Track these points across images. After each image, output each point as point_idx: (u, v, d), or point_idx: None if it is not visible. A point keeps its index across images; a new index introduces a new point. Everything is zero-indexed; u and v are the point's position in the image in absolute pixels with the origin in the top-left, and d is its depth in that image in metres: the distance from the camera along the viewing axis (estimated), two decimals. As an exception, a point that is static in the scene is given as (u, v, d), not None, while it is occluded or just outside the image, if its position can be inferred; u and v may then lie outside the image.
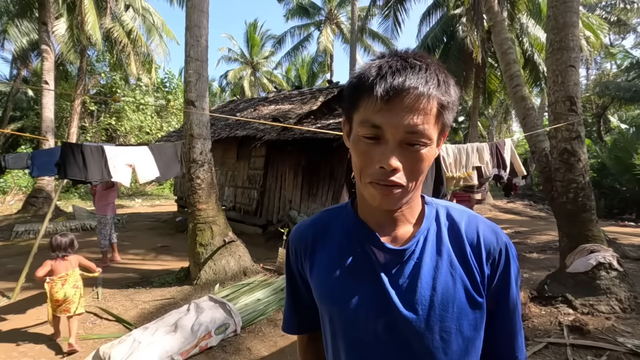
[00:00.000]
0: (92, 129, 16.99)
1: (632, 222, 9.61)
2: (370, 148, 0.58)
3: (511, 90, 5.62)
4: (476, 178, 3.52)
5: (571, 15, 4.11)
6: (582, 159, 4.04)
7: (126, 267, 5.26)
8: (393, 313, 0.63)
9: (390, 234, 0.67)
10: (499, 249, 0.65)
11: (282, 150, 7.12)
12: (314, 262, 0.73)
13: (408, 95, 0.55)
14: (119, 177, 3.27)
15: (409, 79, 0.56)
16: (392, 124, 0.56)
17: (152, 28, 15.07)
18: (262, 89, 24.73)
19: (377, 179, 0.58)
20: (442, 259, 0.64)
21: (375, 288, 0.64)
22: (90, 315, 3.59)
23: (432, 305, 0.62)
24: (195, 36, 4.42)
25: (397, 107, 0.55)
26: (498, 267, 0.65)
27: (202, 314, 3.12)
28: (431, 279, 0.63)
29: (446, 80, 0.59)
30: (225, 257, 4.33)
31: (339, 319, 0.68)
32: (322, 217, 0.78)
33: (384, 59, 0.59)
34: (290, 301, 0.84)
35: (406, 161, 0.57)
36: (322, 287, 0.70)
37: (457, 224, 0.68)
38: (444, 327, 0.62)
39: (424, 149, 0.58)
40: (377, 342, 0.64)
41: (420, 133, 0.56)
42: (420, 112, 0.56)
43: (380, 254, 0.66)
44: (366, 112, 0.58)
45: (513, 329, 0.69)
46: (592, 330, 3.04)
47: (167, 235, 7.82)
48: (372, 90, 0.57)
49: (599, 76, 20.27)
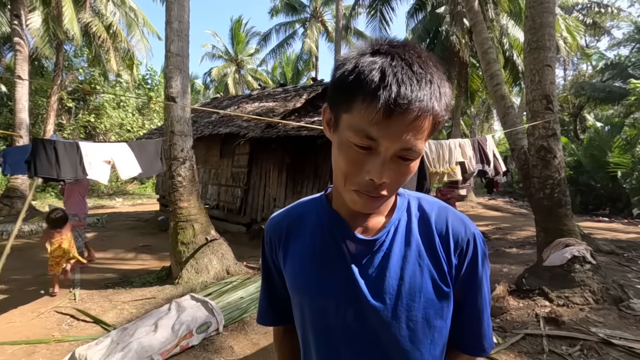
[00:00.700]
0: (69, 126, 16.46)
1: (605, 217, 9.97)
2: (361, 157, 0.55)
3: (492, 88, 5.74)
4: (460, 173, 3.58)
5: (547, 16, 4.22)
6: (558, 155, 4.17)
7: (105, 268, 5.13)
8: (362, 302, 0.64)
9: (362, 225, 0.68)
10: (466, 240, 0.66)
11: (266, 148, 7.07)
12: (287, 252, 0.73)
13: (411, 113, 0.51)
14: (95, 174, 3.17)
15: (415, 95, 0.51)
16: (389, 139, 0.53)
17: (132, 23, 14.69)
18: (246, 87, 24.49)
19: (364, 189, 0.57)
20: (411, 249, 0.65)
21: (345, 278, 0.65)
22: (66, 317, 3.48)
23: (400, 295, 0.63)
24: (176, 31, 4.34)
25: (398, 124, 0.52)
26: (466, 257, 0.66)
27: (183, 313, 3.07)
28: (399, 269, 0.64)
29: (445, 92, 0.55)
30: (208, 255, 4.27)
31: (309, 308, 0.69)
32: (297, 208, 0.78)
33: (386, 59, 0.53)
34: (265, 293, 0.84)
35: (394, 174, 0.56)
36: (294, 276, 0.71)
37: (427, 215, 0.68)
38: (411, 317, 0.63)
39: (413, 162, 0.57)
40: (346, 331, 0.65)
41: (414, 149, 0.55)
42: (419, 129, 0.53)
43: (351, 244, 0.67)
44: (362, 120, 0.53)
45: (480, 318, 0.70)
46: (567, 321, 3.14)
47: (148, 234, 7.66)
48: (373, 99, 0.51)
49: (575, 77, 20.93)
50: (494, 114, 24.13)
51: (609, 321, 3.18)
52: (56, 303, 3.80)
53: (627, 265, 4.97)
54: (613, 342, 2.79)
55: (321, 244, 0.69)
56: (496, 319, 3.31)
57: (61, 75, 14.46)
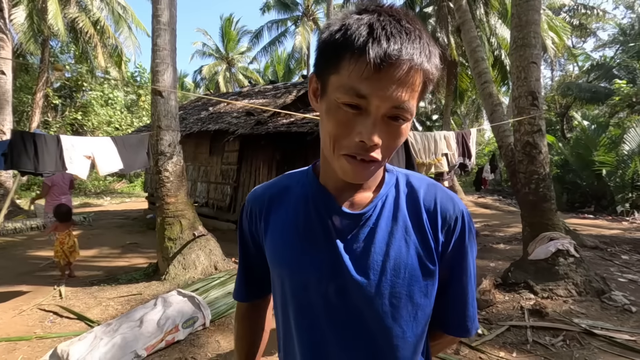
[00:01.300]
0: (55, 123, 16.16)
1: (591, 214, 10.16)
2: (351, 118, 0.54)
3: (480, 86, 5.80)
4: (446, 165, 3.62)
5: (533, 14, 4.29)
6: (543, 151, 4.23)
7: (91, 265, 5.04)
8: (344, 277, 0.62)
9: (348, 199, 0.66)
10: (454, 217, 0.65)
11: (256, 145, 7.04)
12: (268, 224, 0.71)
13: (402, 67, 0.50)
14: (75, 169, 3.10)
15: (405, 47, 0.50)
16: (380, 96, 0.51)
17: (120, 19, 14.47)
18: (237, 85, 24.33)
19: (354, 152, 0.55)
20: (398, 225, 0.64)
21: (329, 252, 0.64)
22: (49, 314, 3.42)
23: (384, 271, 0.61)
24: (163, 24, 4.29)
25: (388, 78, 0.50)
26: (453, 235, 0.65)
27: (169, 308, 3.04)
28: (385, 244, 0.63)
29: (434, 52, 0.55)
30: (195, 251, 4.24)
31: (290, 282, 0.66)
32: (282, 180, 0.76)
33: (373, 15, 0.52)
34: (241, 268, 0.82)
35: (386, 136, 0.55)
36: (275, 250, 0.69)
37: (416, 191, 0.67)
38: (394, 293, 0.61)
39: (405, 124, 0.55)
40: (328, 306, 0.63)
41: (406, 108, 0.53)
42: (410, 86, 0.52)
43: (336, 218, 0.65)
44: (351, 77, 0.51)
45: (466, 298, 0.69)
46: (551, 313, 3.19)
47: (136, 232, 7.56)
48: (362, 53, 0.50)
49: (562, 77, 21.29)
50: (484, 113, 24.43)
51: (591, 312, 3.24)
52: (39, 300, 3.73)
53: (610, 259, 5.07)
54: (595, 332, 2.84)
55: (305, 217, 0.67)
56: (482, 312, 3.35)
57: (47, 72, 14.19)
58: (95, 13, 12.90)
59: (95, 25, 12.80)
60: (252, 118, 7.16)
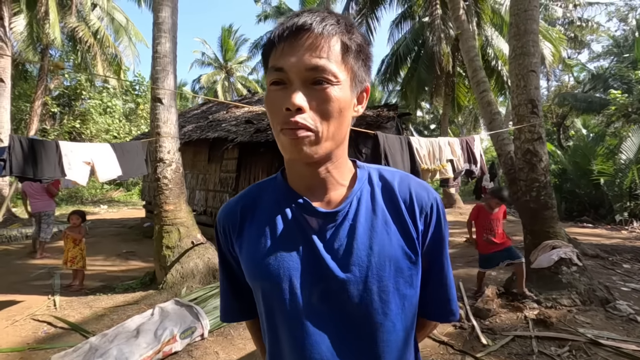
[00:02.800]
0: (53, 131, 16.10)
1: (589, 223, 10.15)
2: (278, 94, 0.57)
3: (478, 95, 5.83)
4: (451, 171, 3.61)
5: (532, 23, 4.33)
6: (544, 159, 4.23)
7: (87, 274, 4.94)
8: (328, 279, 0.61)
9: (322, 199, 0.65)
10: (430, 204, 0.66)
11: (255, 152, 7.00)
12: (242, 239, 0.68)
13: (305, 34, 0.56)
14: (74, 175, 3.05)
15: (303, 20, 0.56)
16: (292, 64, 0.55)
17: (120, 29, 14.57)
18: (236, 94, 24.45)
19: (284, 123, 0.56)
20: (377, 218, 0.64)
21: (308, 255, 0.62)
22: (43, 324, 3.33)
23: (370, 266, 0.60)
24: (164, 32, 4.30)
25: (296, 47, 0.56)
26: (431, 222, 0.66)
27: (166, 318, 2.97)
28: (367, 238, 0.62)
29: (349, 24, 0.60)
30: (194, 259, 4.17)
31: (271, 293, 0.63)
32: (252, 190, 0.74)
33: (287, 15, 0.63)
34: (227, 288, 0.78)
35: (313, 101, 0.56)
36: (251, 262, 0.65)
37: (390, 184, 0.68)
38: (382, 287, 0.60)
39: (330, 87, 0.56)
40: (314, 314, 0.61)
41: (322, 68, 0.55)
42: (319, 49, 0.55)
43: (312, 219, 0.64)
44: (271, 60, 0.58)
45: (447, 282, 0.70)
46: (556, 323, 3.14)
47: (133, 241, 7.46)
48: (273, 39, 0.58)
49: (558, 88, 21.53)
50: (481, 123, 24.59)
51: (596, 322, 3.19)
52: (33, 310, 3.64)
53: (611, 268, 5.04)
54: (601, 343, 2.79)
55: (279, 222, 0.65)
56: (485, 322, 3.29)
57: (45, 80, 14.20)
58: (95, 23, 12.98)
59: (95, 34, 12.87)
60: (251, 126, 7.15)
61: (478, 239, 3.94)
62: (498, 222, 3.85)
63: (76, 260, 4.37)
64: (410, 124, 22.21)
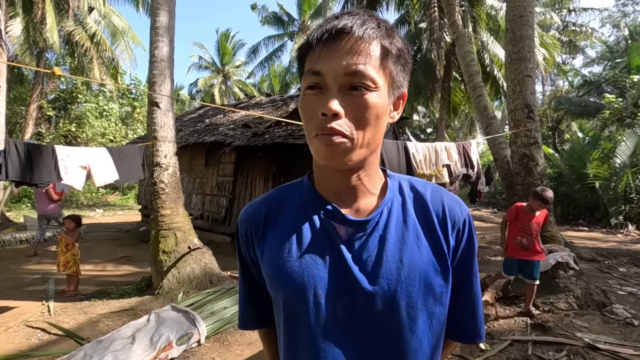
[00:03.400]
0: (49, 135, 16.00)
1: (585, 227, 10.21)
2: (314, 99, 0.56)
3: (475, 99, 5.87)
4: (447, 176, 3.61)
5: (527, 29, 4.37)
6: (540, 163, 4.26)
7: (82, 279, 4.89)
8: (355, 292, 0.58)
9: (351, 206, 0.63)
10: (463, 219, 0.64)
11: (252, 156, 7.00)
12: (265, 244, 0.66)
13: (344, 37, 0.54)
14: (70, 179, 3.02)
15: (343, 23, 0.54)
16: (331, 68, 0.54)
17: (117, 32, 14.56)
18: (233, 98, 24.45)
19: (320, 129, 0.55)
20: (408, 230, 0.61)
21: (335, 265, 0.59)
22: (37, 331, 3.29)
23: (399, 279, 0.57)
24: (161, 36, 4.29)
25: (335, 51, 0.54)
26: (462, 238, 0.63)
27: (163, 324, 2.94)
28: (397, 251, 0.59)
29: (390, 27, 0.58)
30: (190, 264, 4.14)
31: (293, 303, 0.61)
32: (276, 194, 0.71)
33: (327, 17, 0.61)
34: (245, 293, 0.76)
35: (349, 107, 0.54)
36: (274, 269, 0.63)
37: (422, 195, 0.65)
38: (411, 303, 0.58)
39: (368, 93, 0.54)
40: (337, 326, 0.58)
41: (361, 74, 0.53)
42: (360, 53, 0.54)
43: (340, 227, 0.61)
44: (308, 63, 0.57)
45: (475, 302, 0.67)
46: (553, 327, 3.15)
47: (129, 245, 7.41)
48: (310, 42, 0.56)
49: (553, 92, 21.72)
50: (477, 127, 24.75)
51: (594, 326, 3.20)
52: (26, 316, 3.59)
53: (607, 272, 5.06)
54: (598, 347, 2.80)
55: (306, 228, 0.63)
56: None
57: (41, 84, 14.13)
58: (92, 26, 12.96)
59: (92, 38, 12.85)
60: (248, 130, 7.14)
61: (509, 241, 3.56)
62: (538, 227, 3.48)
63: (69, 265, 4.30)
64: (407, 128, 22.30)
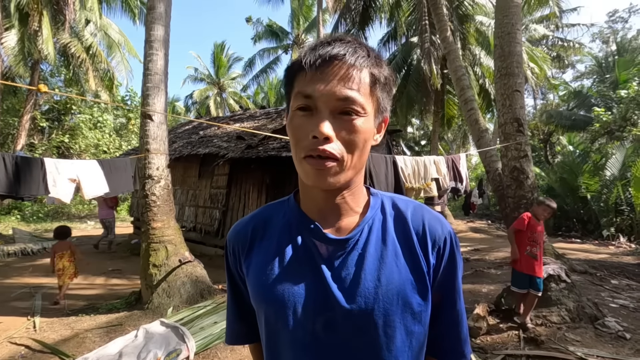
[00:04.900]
0: (41, 146, 15.88)
1: (577, 239, 10.28)
2: (304, 120, 0.57)
3: (466, 113, 5.96)
4: (435, 189, 3.63)
5: (515, 45, 4.48)
6: (530, 176, 4.31)
7: (69, 294, 4.80)
8: (333, 309, 0.58)
9: (333, 225, 0.64)
10: (443, 238, 0.64)
11: (246, 168, 7.00)
12: (251, 260, 0.67)
13: (337, 64, 0.56)
14: (58, 192, 2.98)
15: (337, 49, 0.56)
16: (322, 92, 0.55)
17: (113, 44, 14.67)
18: (228, 110, 24.55)
19: (310, 150, 0.56)
20: (387, 249, 0.62)
21: (315, 282, 0.60)
22: (21, 347, 3.20)
23: (377, 299, 0.58)
24: (155, 49, 4.33)
25: (327, 75, 0.55)
26: (443, 256, 0.63)
27: (151, 339, 2.89)
28: (375, 270, 0.60)
29: (377, 56, 0.60)
30: (181, 278, 4.08)
31: (275, 319, 0.62)
32: (263, 212, 0.73)
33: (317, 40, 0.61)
34: (233, 308, 0.77)
35: (339, 131, 0.56)
36: (257, 285, 0.64)
37: (403, 214, 0.66)
38: (388, 322, 0.58)
39: (358, 119, 0.56)
40: (316, 343, 0.59)
41: (352, 100, 0.55)
42: (351, 80, 0.56)
43: (322, 245, 0.62)
44: (299, 85, 0.58)
45: (459, 321, 0.67)
46: (546, 341, 3.13)
47: (119, 258, 7.30)
48: (302, 64, 0.57)
49: (544, 106, 22.13)
50: (470, 139, 25.05)
51: (586, 339, 3.19)
52: (10, 332, 3.50)
53: (600, 284, 5.07)
54: (591, 361, 2.78)
55: (288, 246, 0.64)
56: (476, 340, 3.26)
57: (35, 95, 14.10)
58: (88, 39, 13.04)
59: (88, 50, 12.92)
60: (242, 142, 7.16)
61: (520, 252, 3.48)
62: (542, 236, 3.49)
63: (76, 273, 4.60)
64: (401, 140, 22.49)
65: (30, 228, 10.86)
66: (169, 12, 4.56)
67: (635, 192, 8.93)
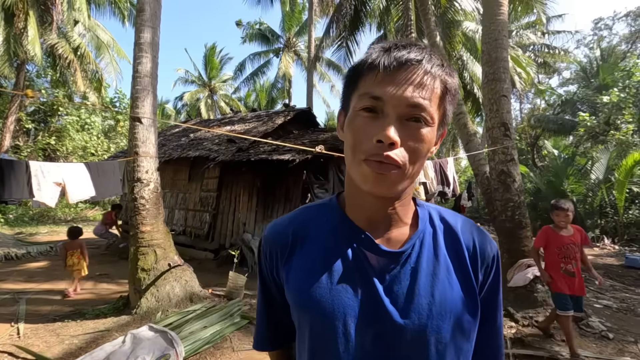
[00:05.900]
0: (26, 148, 15.55)
1: (564, 240, 10.47)
2: (368, 122, 0.55)
3: (455, 117, 6.04)
4: (424, 194, 3.67)
5: (502, 51, 4.57)
6: (517, 179, 4.38)
7: (55, 300, 4.71)
8: (385, 323, 0.57)
9: (383, 236, 0.62)
10: (492, 255, 0.64)
11: (237, 172, 6.97)
12: (291, 265, 0.65)
13: (412, 69, 0.54)
14: (42, 196, 2.92)
15: (414, 54, 0.54)
16: (393, 96, 0.53)
17: (102, 46, 14.50)
18: (219, 112, 24.42)
19: (372, 155, 0.53)
20: (440, 264, 0.60)
21: (366, 295, 0.59)
22: (3, 355, 3.12)
23: (430, 315, 0.57)
24: (145, 52, 4.30)
25: (400, 79, 0.53)
26: (490, 274, 0.64)
27: (139, 345, 2.85)
28: (429, 286, 0.59)
29: (450, 66, 0.58)
30: (170, 282, 4.04)
31: (322, 330, 0.60)
32: (302, 213, 0.70)
33: (391, 43, 0.57)
34: (264, 313, 0.74)
35: (406, 138, 0.54)
36: (302, 293, 0.62)
37: (453, 228, 0.64)
38: (440, 338, 0.57)
39: (425, 128, 0.55)
40: (365, 356, 0.58)
41: (423, 107, 0.53)
42: (424, 87, 0.54)
43: (373, 257, 0.60)
44: (366, 85, 0.56)
45: (499, 337, 0.67)
46: (532, 341, 3.19)
47: (107, 262, 7.18)
48: (374, 65, 0.55)
49: (531, 110, 22.56)
50: (460, 142, 25.36)
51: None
52: (-7, 339, 3.41)
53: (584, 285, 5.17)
54: (575, 361, 2.84)
55: (335, 255, 0.62)
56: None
57: (20, 96, 13.82)
58: (76, 39, 12.86)
59: (76, 51, 12.73)
60: (233, 145, 7.13)
61: (553, 273, 3.10)
62: (577, 248, 3.03)
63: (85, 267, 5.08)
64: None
65: (13, 232, 10.61)
66: (159, 14, 4.54)
67: (619, 195, 9.16)
